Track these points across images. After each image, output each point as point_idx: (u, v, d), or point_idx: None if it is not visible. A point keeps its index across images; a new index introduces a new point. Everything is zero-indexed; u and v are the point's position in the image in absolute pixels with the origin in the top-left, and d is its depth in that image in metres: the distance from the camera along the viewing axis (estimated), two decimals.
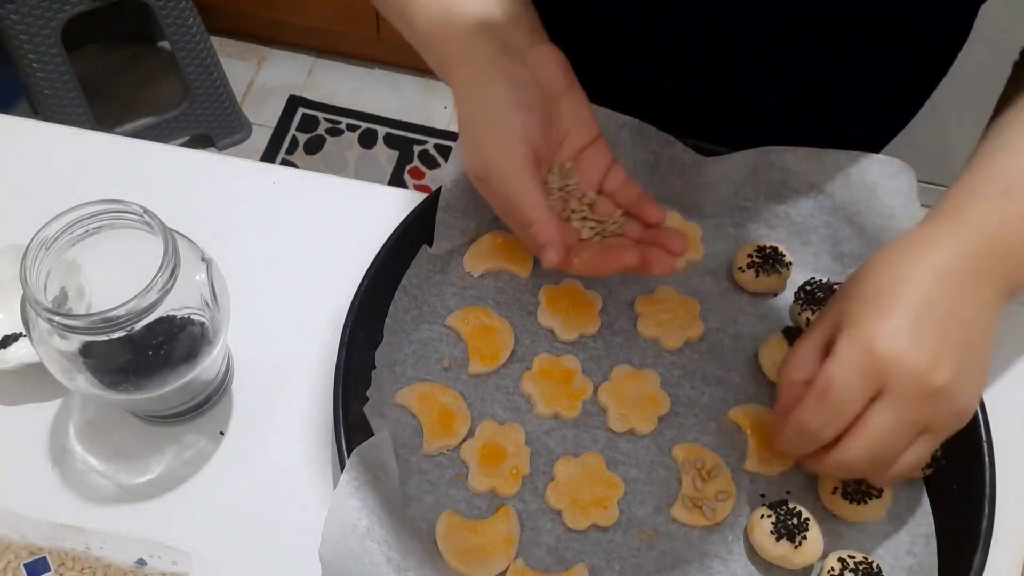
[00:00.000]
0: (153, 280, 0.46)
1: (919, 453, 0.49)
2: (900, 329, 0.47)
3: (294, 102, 1.93)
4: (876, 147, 0.77)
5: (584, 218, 0.59)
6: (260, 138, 1.87)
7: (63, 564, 0.53)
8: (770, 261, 0.63)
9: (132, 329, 0.47)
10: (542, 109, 0.56)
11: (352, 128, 1.90)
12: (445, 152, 1.86)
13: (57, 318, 0.45)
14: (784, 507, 0.54)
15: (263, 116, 1.90)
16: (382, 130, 1.90)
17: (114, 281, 0.51)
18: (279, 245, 0.66)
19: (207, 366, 0.53)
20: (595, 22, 0.68)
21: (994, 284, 0.49)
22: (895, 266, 0.49)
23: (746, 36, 0.63)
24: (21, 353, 0.57)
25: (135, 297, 0.46)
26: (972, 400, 0.49)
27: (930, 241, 0.49)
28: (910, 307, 0.47)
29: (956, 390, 0.47)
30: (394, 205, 0.67)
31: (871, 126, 0.71)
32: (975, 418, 0.57)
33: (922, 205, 0.63)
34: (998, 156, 0.52)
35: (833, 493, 0.55)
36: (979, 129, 0.58)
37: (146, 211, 0.48)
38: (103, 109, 1.77)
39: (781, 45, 0.63)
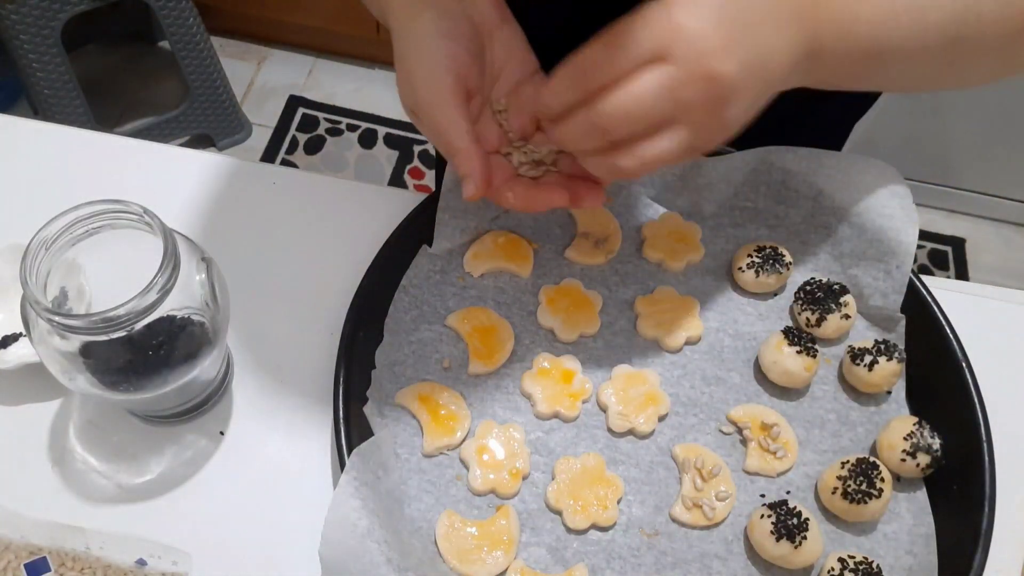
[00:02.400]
0: (153, 280, 0.46)
1: (670, 145, 0.46)
2: (705, 9, 0.45)
3: (294, 102, 1.93)
4: (853, 118, 0.78)
5: (519, 151, 0.58)
6: (260, 138, 1.88)
7: (63, 564, 0.53)
8: (770, 261, 0.63)
9: (132, 329, 0.47)
10: (470, 39, 0.55)
11: (352, 128, 1.90)
12: None
13: (57, 318, 0.45)
14: (784, 507, 0.54)
15: (263, 116, 1.91)
16: (382, 130, 1.90)
17: (114, 281, 0.51)
18: (279, 245, 0.66)
19: (207, 366, 0.53)
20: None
21: (804, 34, 0.49)
22: None
23: None
24: (21, 353, 0.57)
25: (135, 297, 0.46)
26: (739, 114, 0.47)
27: None
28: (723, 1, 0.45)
29: (730, 91, 0.45)
30: (394, 205, 0.67)
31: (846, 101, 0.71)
32: (975, 418, 0.57)
33: (921, 205, 0.63)
34: None
35: (833, 493, 0.55)
36: (979, 129, 0.58)
37: (146, 211, 0.48)
38: (103, 109, 1.77)
39: None
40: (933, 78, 0.56)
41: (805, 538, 0.53)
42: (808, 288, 0.63)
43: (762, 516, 0.54)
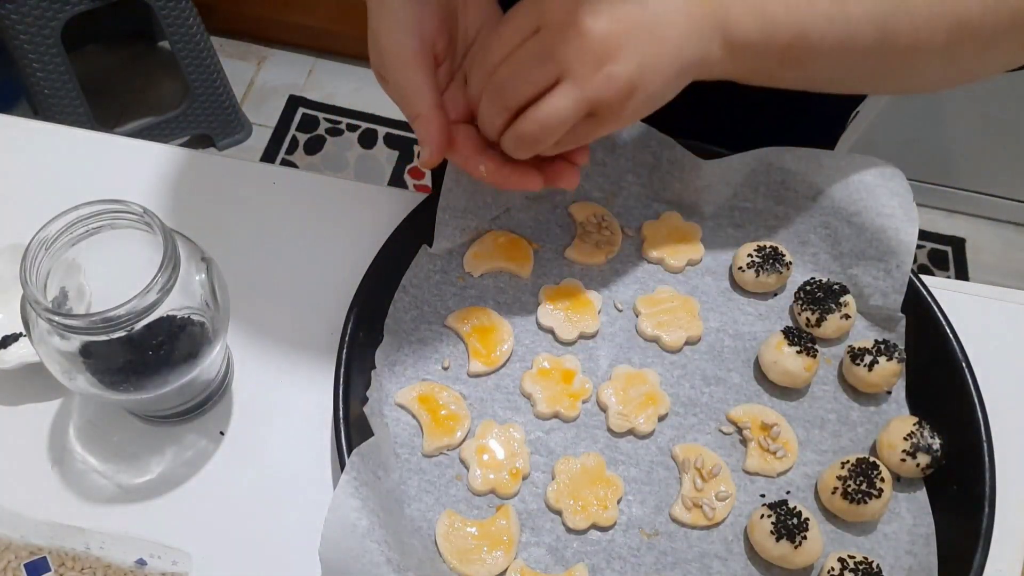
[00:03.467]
0: (153, 280, 0.46)
1: (558, 102, 0.49)
2: None
3: (294, 102, 1.93)
4: (843, 115, 0.78)
5: None
6: (260, 138, 1.88)
7: (63, 564, 0.53)
8: (770, 261, 0.63)
9: (132, 329, 0.47)
10: (441, 6, 0.55)
11: (352, 128, 1.90)
12: None
13: (57, 318, 0.45)
14: (784, 507, 0.54)
15: (263, 116, 1.91)
16: (382, 130, 1.90)
17: (114, 281, 0.51)
18: (279, 245, 0.66)
19: (207, 366, 0.53)
20: None
21: (706, 5, 0.50)
22: None
23: None
24: (21, 353, 0.57)
25: (135, 297, 0.46)
26: (625, 71, 0.49)
27: None
28: None
29: (609, 46, 0.48)
30: (394, 205, 0.67)
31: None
32: (975, 418, 0.57)
33: (921, 205, 0.63)
34: None
35: (833, 493, 0.55)
36: (979, 129, 0.58)
37: (146, 211, 0.48)
38: (103, 109, 1.77)
39: None
40: (872, 76, 0.56)
41: (805, 538, 0.53)
42: (808, 288, 0.63)
43: (762, 516, 0.54)
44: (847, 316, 0.62)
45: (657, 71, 0.50)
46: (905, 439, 0.57)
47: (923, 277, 0.64)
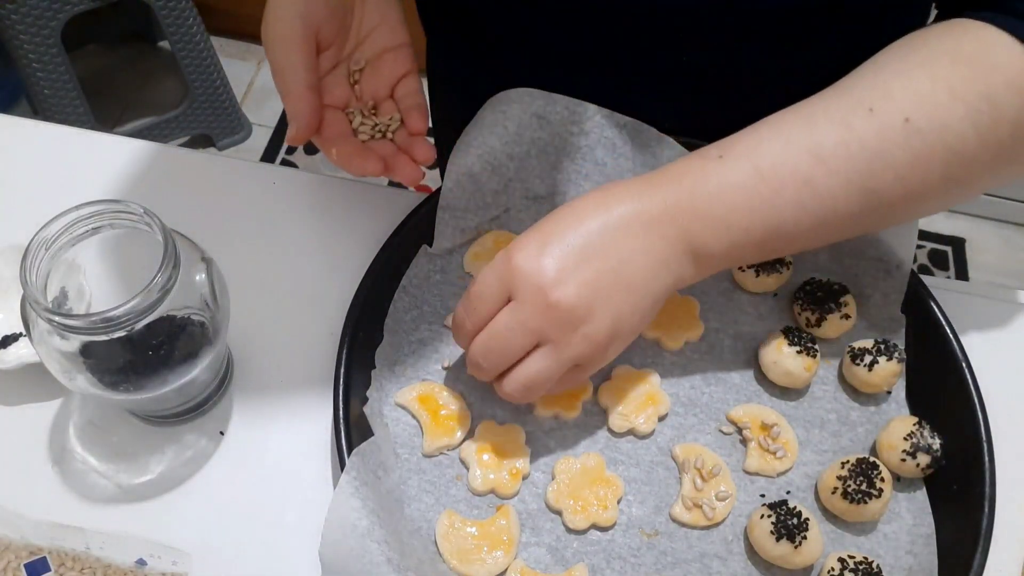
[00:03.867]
0: (153, 280, 0.46)
1: (540, 364, 0.51)
2: (536, 245, 0.50)
3: None
4: None
5: (361, 115, 0.61)
6: (260, 138, 1.88)
7: (63, 564, 0.53)
8: (770, 261, 0.63)
9: (132, 329, 0.47)
10: None
11: None
12: None
13: (57, 318, 0.45)
14: (784, 507, 0.54)
15: (263, 116, 1.91)
16: None
17: (114, 281, 0.51)
18: (279, 245, 0.66)
19: (207, 366, 0.53)
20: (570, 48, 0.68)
21: (667, 237, 0.51)
22: (578, 209, 0.51)
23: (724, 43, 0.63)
24: (21, 353, 0.57)
25: (135, 297, 0.46)
26: (601, 328, 0.51)
27: (626, 196, 0.51)
28: (559, 234, 0.50)
29: (580, 311, 0.50)
30: (394, 205, 0.67)
31: None
32: (975, 418, 0.57)
33: None
34: (745, 131, 0.52)
35: (833, 493, 0.55)
36: None
37: (146, 211, 0.48)
38: (103, 109, 1.77)
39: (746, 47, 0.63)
40: (868, 228, 0.55)
41: (805, 538, 0.53)
42: (808, 288, 0.63)
43: (762, 516, 0.54)
44: (847, 316, 0.62)
45: (632, 315, 0.52)
46: (905, 439, 0.57)
47: (923, 277, 0.63)
